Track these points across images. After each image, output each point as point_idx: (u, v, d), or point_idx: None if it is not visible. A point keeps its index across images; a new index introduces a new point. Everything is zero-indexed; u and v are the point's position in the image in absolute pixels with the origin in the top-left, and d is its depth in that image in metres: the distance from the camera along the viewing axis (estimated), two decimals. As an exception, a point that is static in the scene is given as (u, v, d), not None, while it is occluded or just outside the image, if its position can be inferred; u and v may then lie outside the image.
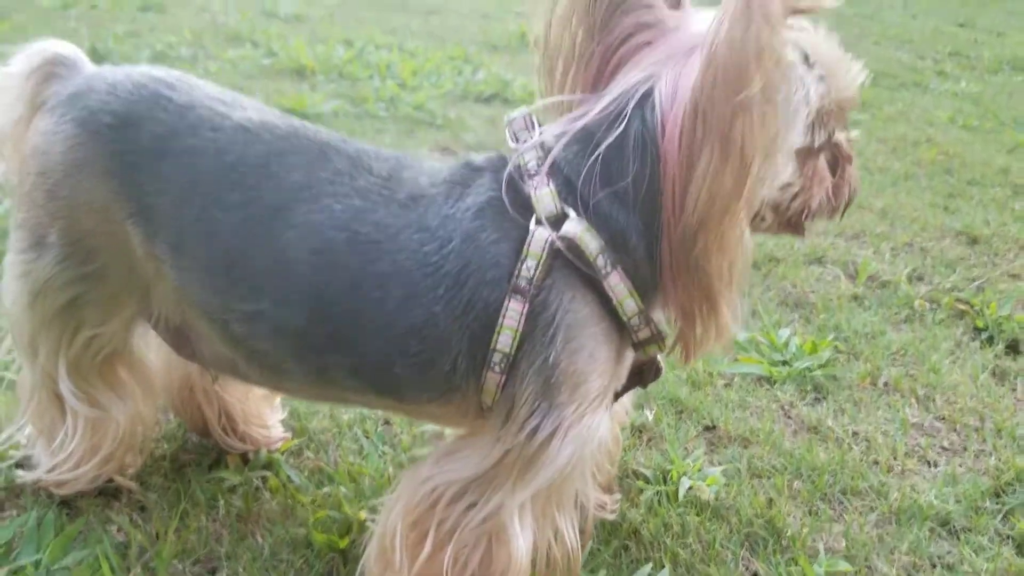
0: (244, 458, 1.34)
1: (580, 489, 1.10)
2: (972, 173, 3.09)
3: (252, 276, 0.98)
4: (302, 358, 1.01)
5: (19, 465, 1.24)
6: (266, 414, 1.38)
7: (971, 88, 4.59)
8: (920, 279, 2.22)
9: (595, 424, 0.98)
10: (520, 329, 0.94)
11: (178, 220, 1.00)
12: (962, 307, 2.06)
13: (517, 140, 0.99)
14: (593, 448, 1.00)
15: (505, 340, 0.94)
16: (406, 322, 0.95)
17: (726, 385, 1.64)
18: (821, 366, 1.71)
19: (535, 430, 0.95)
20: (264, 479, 1.29)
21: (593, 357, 0.97)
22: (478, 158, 1.02)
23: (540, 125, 1.01)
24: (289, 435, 1.39)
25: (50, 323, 1.11)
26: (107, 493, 1.24)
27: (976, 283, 2.20)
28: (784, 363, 1.72)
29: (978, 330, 1.97)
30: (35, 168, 1.05)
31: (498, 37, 4.51)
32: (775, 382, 1.67)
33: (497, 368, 0.96)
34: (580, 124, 0.96)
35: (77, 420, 1.16)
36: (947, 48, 5.80)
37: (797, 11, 0.88)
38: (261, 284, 0.98)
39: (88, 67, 1.10)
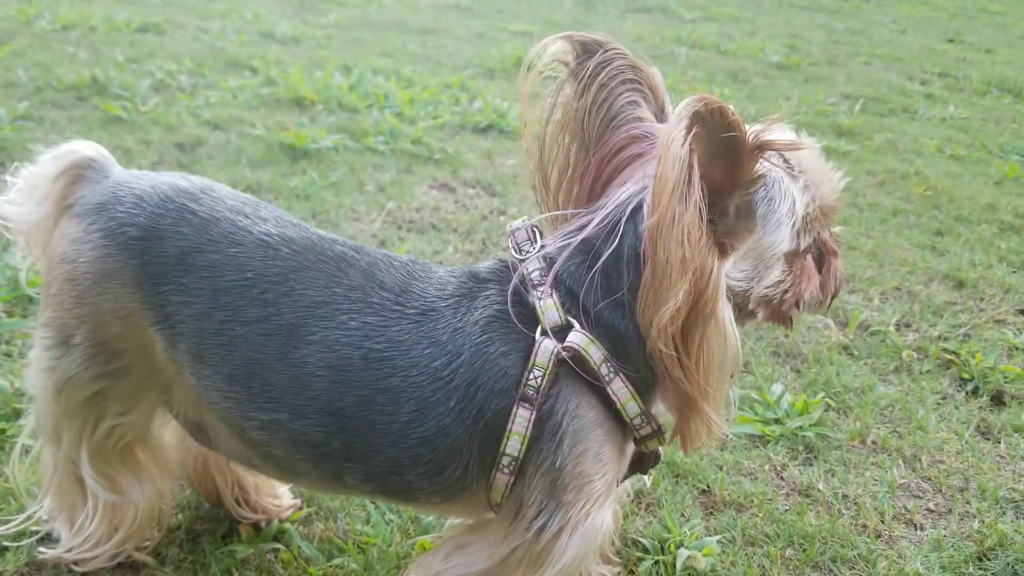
0: (256, 527, 1.38)
1: (584, 572, 1.16)
2: (960, 209, 3.16)
3: (269, 388, 1.03)
4: (317, 465, 1.06)
5: (40, 541, 1.28)
6: (276, 484, 1.42)
7: (959, 113, 4.65)
8: (908, 326, 2.28)
9: (600, 520, 1.03)
10: (528, 435, 0.99)
11: (200, 331, 1.05)
12: (949, 357, 2.12)
13: (520, 250, 1.05)
14: (598, 542, 1.05)
15: (514, 445, 0.99)
16: (418, 434, 1.00)
17: (721, 447, 1.70)
18: (812, 425, 1.77)
19: (542, 528, 1.01)
20: (276, 551, 1.34)
21: (598, 458, 1.02)
22: (483, 269, 1.08)
23: (541, 235, 1.06)
24: (299, 502, 1.44)
25: (73, 414, 1.15)
26: (125, 566, 1.28)
27: (962, 330, 2.26)
28: (777, 421, 1.78)
29: (964, 380, 2.03)
30: (63, 275, 1.09)
31: (494, 60, 4.55)
32: (768, 442, 1.73)
33: (506, 470, 1.01)
34: (580, 237, 1.02)
35: (98, 502, 1.21)
36: (936, 68, 5.86)
37: (774, 148, 0.95)
38: (278, 396, 1.03)
39: (115, 170, 1.15)
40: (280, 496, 1.42)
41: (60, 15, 4.24)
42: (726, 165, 0.94)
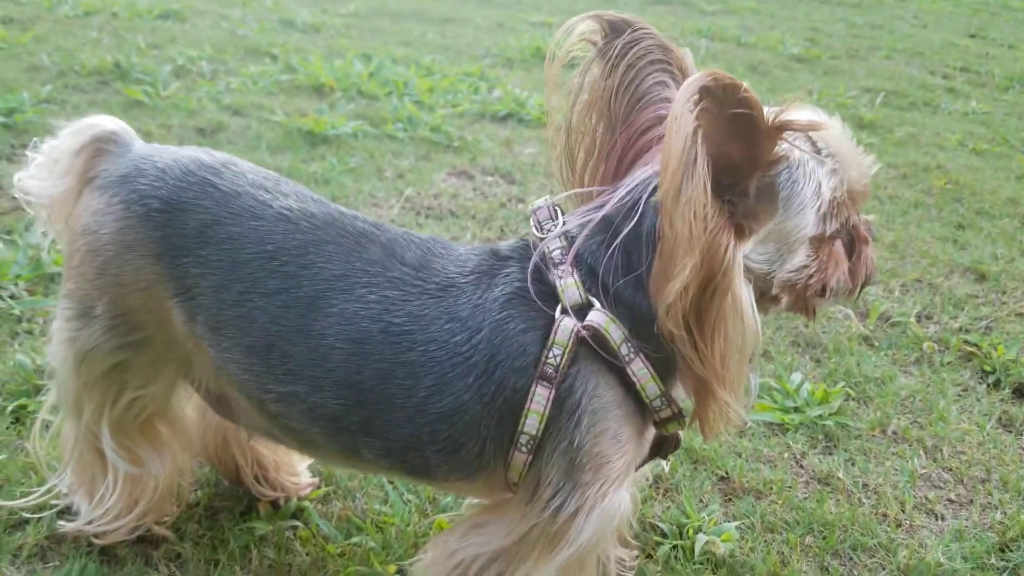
0: (275, 505, 1.39)
1: (602, 554, 1.15)
2: (981, 202, 3.13)
3: (288, 361, 1.03)
4: (335, 438, 1.06)
5: (60, 514, 1.28)
6: (295, 462, 1.42)
7: (981, 108, 4.61)
8: (929, 318, 2.26)
9: (617, 501, 1.02)
10: (546, 413, 0.98)
11: (219, 303, 1.05)
12: (970, 349, 2.10)
13: (541, 229, 1.04)
14: (616, 524, 1.04)
15: (532, 423, 0.99)
16: (436, 409, 1.00)
17: (740, 433, 1.69)
18: (832, 414, 1.76)
19: (559, 508, 1.00)
20: (295, 529, 1.34)
21: (616, 439, 1.01)
22: (504, 247, 1.07)
23: (563, 214, 1.06)
24: (317, 481, 1.44)
25: (94, 385, 1.15)
26: (145, 540, 1.28)
27: (984, 323, 2.24)
28: (796, 410, 1.76)
29: (985, 373, 2.01)
30: (85, 246, 1.09)
31: (513, 51, 4.54)
32: (787, 430, 1.72)
33: (524, 449, 1.01)
34: (600, 214, 1.01)
35: (118, 475, 1.21)
36: (958, 63, 5.81)
37: (793, 128, 0.93)
38: (297, 369, 1.03)
39: (136, 144, 1.15)
40: (299, 474, 1.43)
41: (82, 1, 4.26)
42: (743, 144, 0.93)
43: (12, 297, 1.85)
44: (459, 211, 2.62)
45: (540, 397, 0.98)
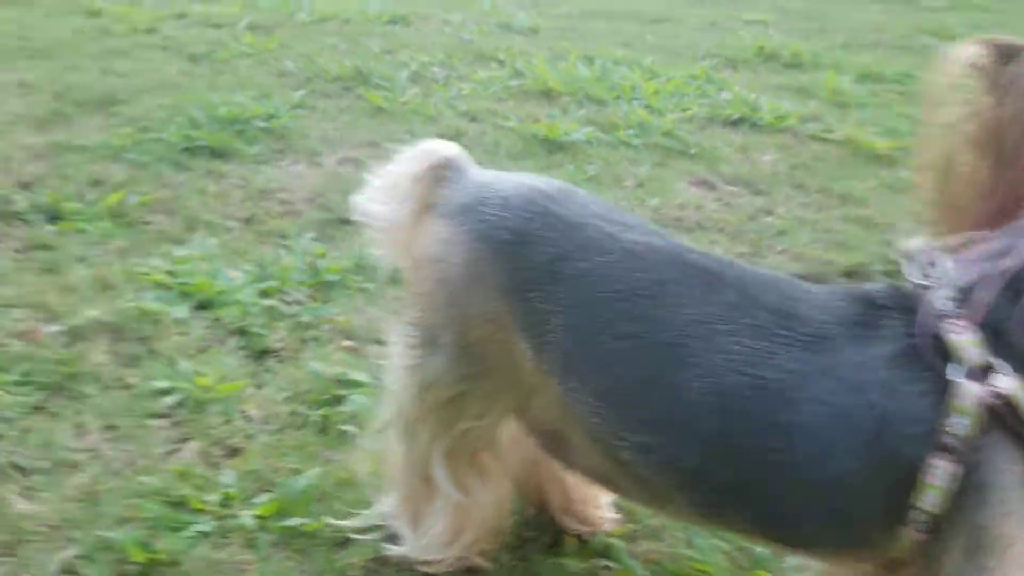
0: (580, 539, 1.35)
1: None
2: None
3: (645, 410, 0.98)
4: (693, 496, 1.00)
5: (387, 539, 1.29)
6: (599, 495, 1.38)
7: None
8: None
9: (1020, 587, 0.92)
10: (948, 489, 0.89)
11: (568, 343, 1.02)
12: None
13: (924, 275, 0.94)
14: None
15: (931, 499, 0.90)
16: (817, 476, 0.92)
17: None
18: None
19: None
20: (609, 569, 1.30)
21: (1021, 520, 0.90)
22: (876, 293, 0.98)
23: (942, 258, 0.96)
24: (621, 517, 1.39)
25: (433, 413, 1.15)
26: (463, 569, 1.27)
27: None
28: None
29: None
30: (433, 275, 1.09)
31: (734, 51, 4.39)
32: None
33: (918, 526, 0.91)
34: (1005, 265, 0.90)
35: (446, 504, 1.20)
36: None
37: None
38: (655, 419, 0.98)
39: (473, 172, 1.15)
40: (603, 508, 1.38)
41: (317, 8, 4.45)
42: None
43: (297, 303, 1.91)
44: (706, 223, 2.53)
45: (941, 471, 0.88)
